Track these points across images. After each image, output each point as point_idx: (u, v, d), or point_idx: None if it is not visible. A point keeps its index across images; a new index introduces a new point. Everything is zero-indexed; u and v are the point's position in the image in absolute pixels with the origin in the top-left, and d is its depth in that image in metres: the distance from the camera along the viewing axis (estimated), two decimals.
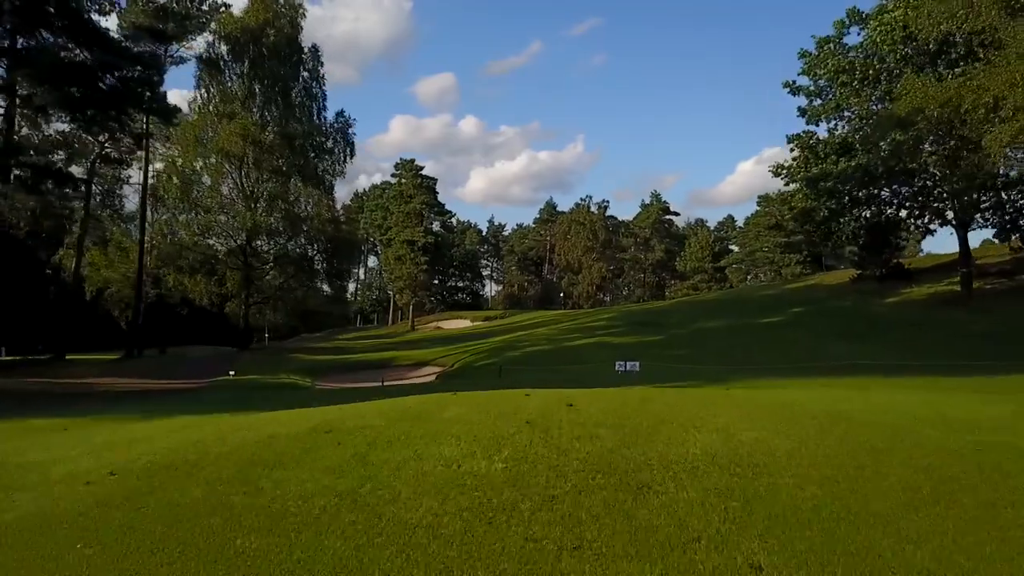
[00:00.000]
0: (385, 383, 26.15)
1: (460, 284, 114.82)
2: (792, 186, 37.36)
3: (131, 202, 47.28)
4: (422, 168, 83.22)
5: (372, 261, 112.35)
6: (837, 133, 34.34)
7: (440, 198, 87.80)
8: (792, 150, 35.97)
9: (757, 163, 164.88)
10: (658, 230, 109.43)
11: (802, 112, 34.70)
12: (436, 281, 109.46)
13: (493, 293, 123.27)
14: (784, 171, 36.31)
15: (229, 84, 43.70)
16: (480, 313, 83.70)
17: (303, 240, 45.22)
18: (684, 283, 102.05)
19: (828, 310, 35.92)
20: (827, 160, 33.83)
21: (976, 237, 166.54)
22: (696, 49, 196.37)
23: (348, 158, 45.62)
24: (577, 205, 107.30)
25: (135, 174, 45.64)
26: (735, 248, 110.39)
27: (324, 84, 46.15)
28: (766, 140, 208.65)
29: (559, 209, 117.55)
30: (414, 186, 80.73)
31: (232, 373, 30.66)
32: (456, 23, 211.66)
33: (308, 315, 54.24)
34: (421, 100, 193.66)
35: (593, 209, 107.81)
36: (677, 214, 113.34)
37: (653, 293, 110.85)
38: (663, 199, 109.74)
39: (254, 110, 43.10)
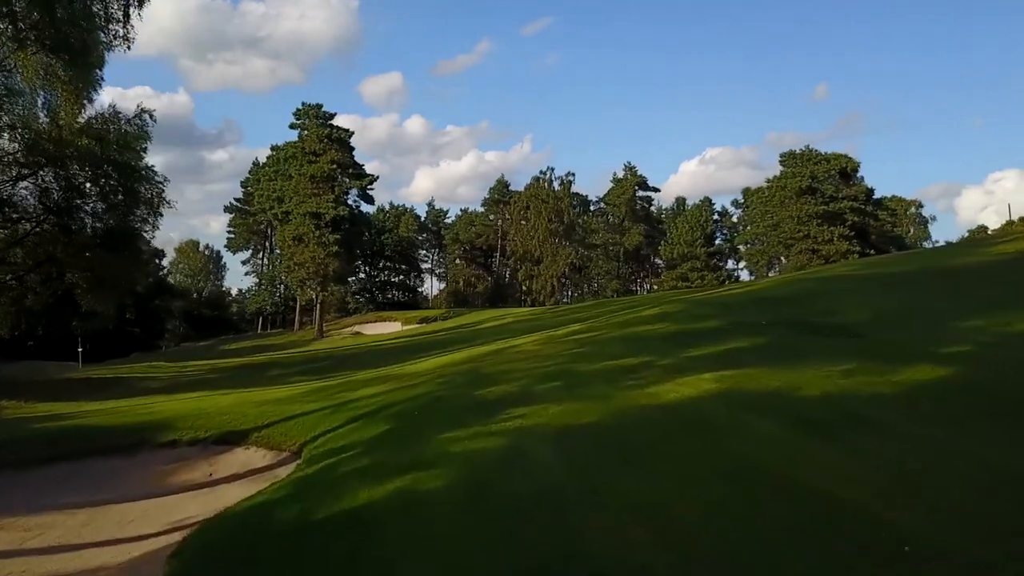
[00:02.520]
0: None
1: (394, 279, 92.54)
2: None
3: None
4: (332, 116, 60.49)
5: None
6: None
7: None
8: None
9: (700, 163, 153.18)
10: (634, 210, 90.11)
11: None
12: (361, 275, 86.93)
13: (435, 291, 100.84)
14: None
15: None
16: (416, 313, 61.94)
17: (44, 166, 21.89)
18: (671, 272, 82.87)
19: None
20: None
21: None
22: (642, 45, 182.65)
23: (128, 15, 22.46)
24: (536, 179, 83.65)
25: None
26: (719, 238, 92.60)
27: None
28: (709, 141, 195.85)
29: (512, 188, 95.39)
30: (319, 138, 57.89)
31: None
32: (405, 22, 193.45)
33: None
34: (367, 100, 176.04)
35: (556, 186, 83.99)
36: (657, 189, 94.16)
37: (626, 287, 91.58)
38: (639, 172, 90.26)
39: None
